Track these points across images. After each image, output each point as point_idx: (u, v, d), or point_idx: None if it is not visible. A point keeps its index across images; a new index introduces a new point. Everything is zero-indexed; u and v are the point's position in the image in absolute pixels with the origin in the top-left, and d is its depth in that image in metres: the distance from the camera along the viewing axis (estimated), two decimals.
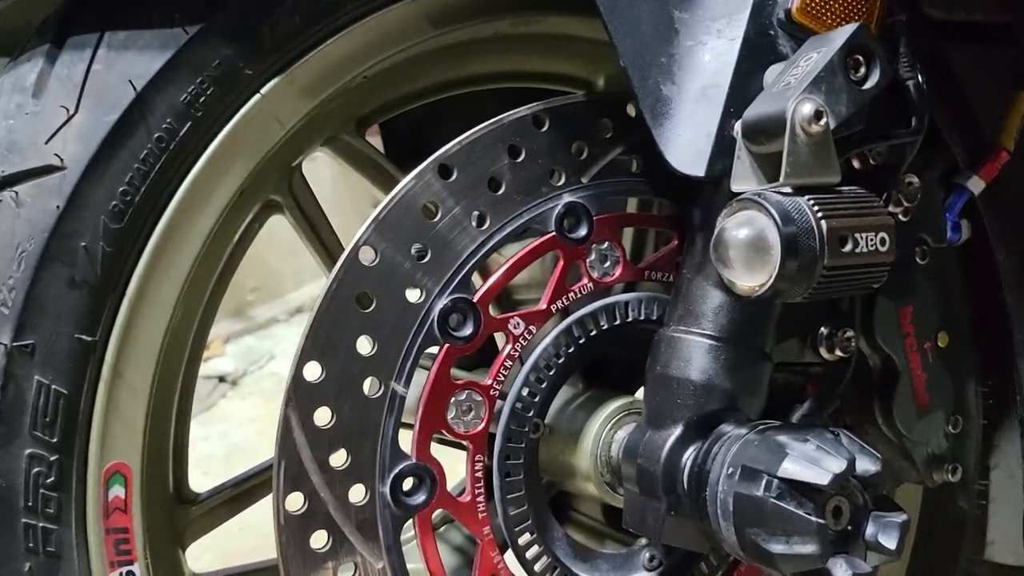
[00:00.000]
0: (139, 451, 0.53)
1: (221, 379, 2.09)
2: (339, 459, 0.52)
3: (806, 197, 0.45)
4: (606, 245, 0.60)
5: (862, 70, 0.47)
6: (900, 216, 0.64)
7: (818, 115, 0.45)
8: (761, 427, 0.50)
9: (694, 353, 0.54)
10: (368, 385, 0.53)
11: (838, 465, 0.44)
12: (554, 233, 0.58)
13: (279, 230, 0.67)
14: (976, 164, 0.68)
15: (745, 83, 0.50)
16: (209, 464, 1.70)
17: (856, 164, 0.61)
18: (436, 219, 0.55)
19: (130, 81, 0.50)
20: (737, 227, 0.45)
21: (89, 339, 0.49)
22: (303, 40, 0.55)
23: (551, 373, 0.59)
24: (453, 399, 0.55)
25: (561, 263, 0.59)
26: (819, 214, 0.44)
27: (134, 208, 0.50)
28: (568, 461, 0.63)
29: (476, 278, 0.58)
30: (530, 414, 0.59)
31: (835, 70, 0.46)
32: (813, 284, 0.45)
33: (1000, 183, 0.77)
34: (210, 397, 1.95)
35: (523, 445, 0.59)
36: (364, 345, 0.53)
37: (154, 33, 0.50)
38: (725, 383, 0.53)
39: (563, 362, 0.60)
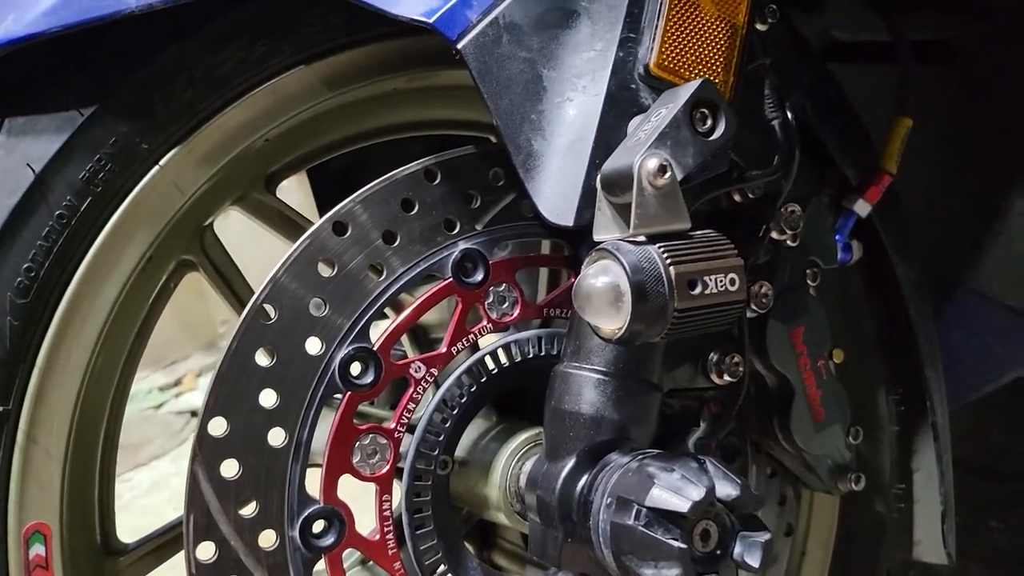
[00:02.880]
0: (58, 510, 0.56)
1: (193, 414, 2.11)
2: (247, 508, 0.55)
3: (657, 245, 0.48)
4: (503, 287, 0.63)
5: (708, 122, 0.51)
6: (788, 241, 0.68)
7: (663, 169, 0.48)
8: (640, 456, 0.53)
9: (584, 388, 0.57)
10: (272, 436, 0.56)
11: (698, 493, 0.47)
12: (451, 279, 0.61)
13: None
14: (861, 188, 0.72)
15: (609, 136, 0.53)
16: (181, 500, 1.71)
17: (737, 198, 0.65)
18: (333, 274, 0.58)
19: (29, 164, 0.53)
20: (593, 276, 0.48)
21: (2, 408, 0.52)
22: (198, 112, 0.58)
23: (455, 412, 0.63)
24: (357, 443, 0.58)
25: (459, 307, 0.62)
26: (667, 261, 0.47)
27: (39, 283, 0.53)
28: (481, 492, 0.66)
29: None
30: (436, 452, 0.62)
31: (680, 124, 0.50)
32: (667, 326, 0.48)
33: (893, 202, 0.81)
34: (182, 432, 1.97)
35: (431, 482, 0.62)
36: (268, 398, 0.56)
37: (51, 117, 0.54)
38: (613, 415, 0.56)
39: (468, 400, 0.63)
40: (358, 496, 0.61)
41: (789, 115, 0.63)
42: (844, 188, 0.74)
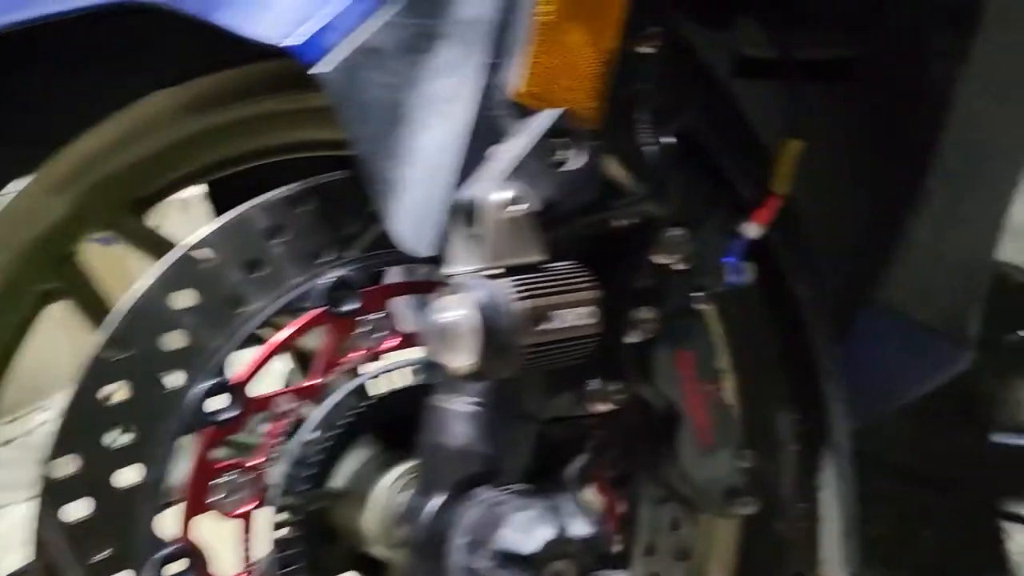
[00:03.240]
0: None
1: None
2: (97, 549, 0.53)
3: (507, 279, 0.47)
4: (377, 315, 0.62)
5: (565, 152, 0.50)
6: (677, 265, 0.67)
7: (513, 200, 0.47)
8: (502, 493, 0.52)
9: (452, 420, 0.56)
10: (125, 475, 0.54)
11: (548, 533, 0.46)
12: (323, 308, 0.60)
13: None
14: (750, 210, 0.72)
15: (470, 164, 0.52)
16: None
17: (615, 223, 0.64)
18: (191, 305, 0.56)
19: None
20: (439, 312, 0.47)
21: None
22: (50, 137, 0.56)
23: (330, 442, 0.61)
24: (221, 480, 0.56)
25: (331, 337, 0.60)
26: (516, 295, 0.46)
27: None
28: (360, 525, 0.64)
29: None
30: (308, 486, 0.60)
31: (533, 154, 0.49)
32: (517, 362, 0.47)
33: (790, 221, 0.81)
34: None
35: (303, 517, 0.60)
36: (118, 437, 0.54)
37: None
38: (483, 448, 0.55)
39: (343, 430, 0.61)
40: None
41: (670, 139, 0.62)
42: (738, 210, 0.74)
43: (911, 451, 1.90)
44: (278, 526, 0.59)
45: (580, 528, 0.47)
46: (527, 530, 0.46)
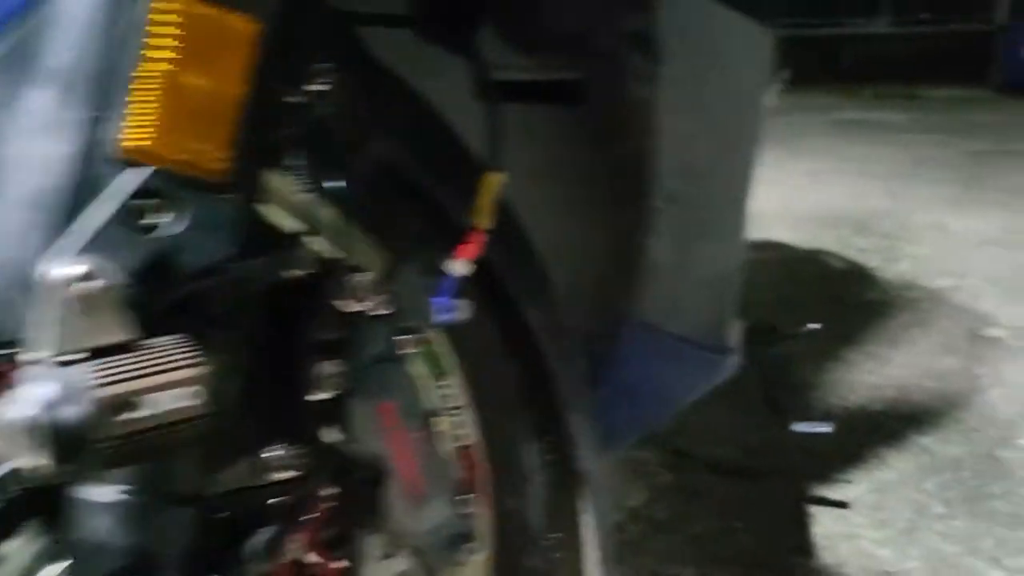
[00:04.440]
0: None
1: None
2: None
3: (86, 365, 0.42)
4: None
5: (162, 212, 0.45)
6: (375, 311, 0.64)
7: (87, 275, 0.42)
8: None
9: (91, 511, 0.50)
10: None
11: None
12: None
13: None
14: (454, 247, 0.69)
15: (63, 229, 0.46)
16: None
17: (288, 275, 0.60)
18: None
19: None
20: (4, 405, 0.41)
21: None
22: None
23: None
24: None
25: None
26: (90, 384, 0.41)
27: None
28: None
29: None
30: None
31: (115, 221, 0.44)
32: (99, 459, 0.42)
33: (520, 251, 0.80)
34: None
35: None
36: None
37: None
38: (127, 539, 0.50)
39: None
40: None
41: (339, 183, 0.59)
42: (446, 245, 0.71)
43: (733, 444, 1.97)
44: None
45: None
46: None
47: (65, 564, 0.58)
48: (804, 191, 4.57)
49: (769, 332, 2.30)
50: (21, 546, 0.60)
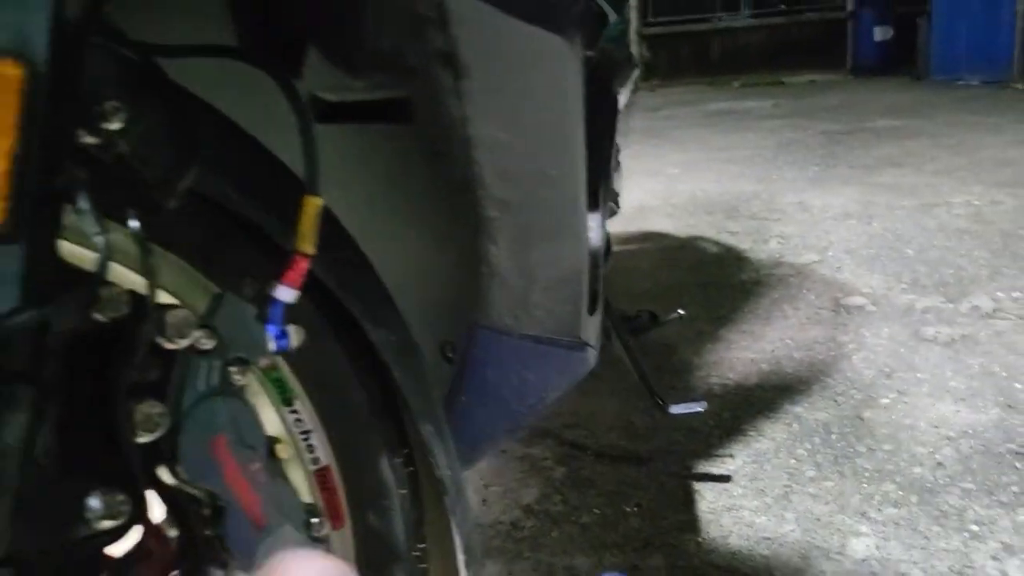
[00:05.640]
0: None
1: None
2: None
3: None
4: None
5: None
6: (200, 344, 0.63)
7: None
8: None
9: None
10: None
11: None
12: None
13: None
14: (278, 274, 0.69)
15: None
16: None
17: (99, 317, 0.58)
18: None
19: None
20: None
21: None
22: None
23: None
24: None
25: None
26: None
27: None
28: None
29: None
30: None
31: None
32: None
33: (356, 271, 0.80)
34: None
35: None
36: None
37: None
38: None
39: None
40: None
41: (133, 223, 0.58)
42: (271, 273, 0.71)
43: (620, 431, 2.03)
44: None
45: None
46: None
47: None
48: (679, 181, 4.76)
49: (650, 319, 2.38)
50: None
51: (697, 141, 6.18)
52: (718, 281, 3.08)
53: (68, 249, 0.55)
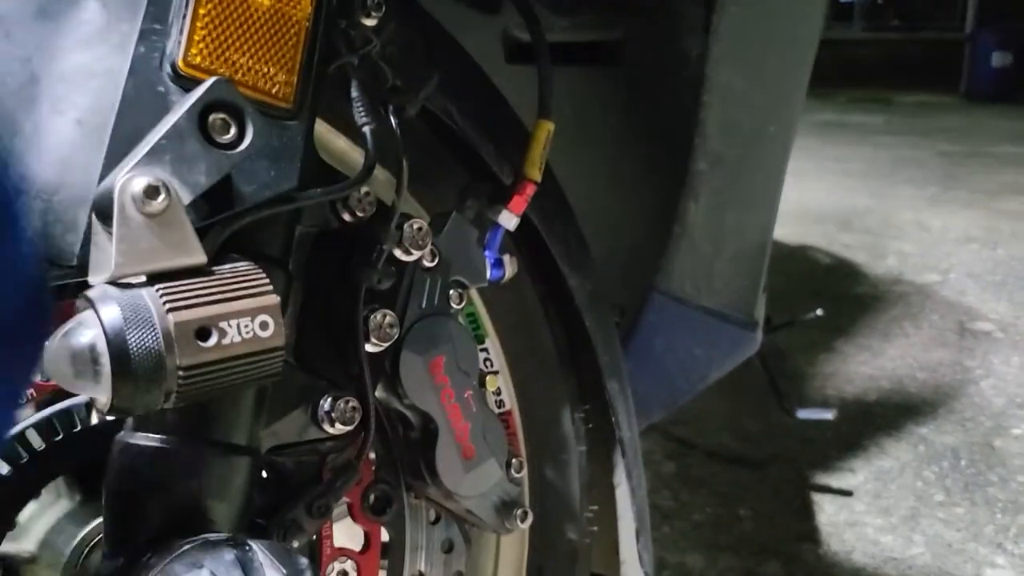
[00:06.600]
0: None
1: None
2: None
3: (155, 287, 0.38)
4: None
5: (231, 130, 0.42)
6: (425, 261, 0.61)
7: (153, 191, 0.38)
8: (184, 549, 0.43)
9: (142, 459, 0.46)
10: None
11: None
12: None
13: None
14: (505, 199, 0.66)
15: (118, 151, 0.42)
16: None
17: (346, 216, 0.56)
18: None
19: None
20: (63, 334, 0.37)
21: None
22: None
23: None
24: None
25: None
26: (166, 307, 0.38)
27: None
28: None
29: None
30: None
31: (185, 134, 0.40)
32: (173, 390, 0.38)
33: (559, 209, 0.77)
34: None
35: None
36: None
37: None
38: (181, 491, 0.46)
39: (14, 477, 0.50)
40: None
41: (394, 120, 0.55)
42: (499, 199, 0.68)
43: (730, 432, 1.95)
44: None
45: None
46: None
47: (92, 525, 0.54)
48: (788, 188, 4.59)
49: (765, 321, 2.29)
50: (41, 511, 0.56)
51: (805, 150, 5.97)
52: (832, 292, 2.95)
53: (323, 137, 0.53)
